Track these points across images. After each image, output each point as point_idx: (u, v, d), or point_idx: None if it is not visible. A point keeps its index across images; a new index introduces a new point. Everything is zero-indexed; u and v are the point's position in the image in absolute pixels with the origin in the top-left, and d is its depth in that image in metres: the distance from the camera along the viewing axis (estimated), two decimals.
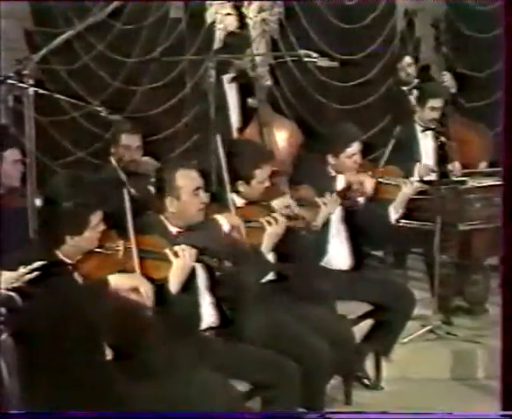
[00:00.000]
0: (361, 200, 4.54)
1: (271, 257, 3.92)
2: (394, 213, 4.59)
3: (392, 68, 6.55)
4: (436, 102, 5.58)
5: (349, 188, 4.43)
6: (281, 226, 3.83)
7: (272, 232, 3.81)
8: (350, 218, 4.48)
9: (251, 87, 6.10)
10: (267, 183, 4.04)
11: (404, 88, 6.26)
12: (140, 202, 4.77)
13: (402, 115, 6.03)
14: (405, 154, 5.41)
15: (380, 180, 4.54)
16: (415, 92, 6.11)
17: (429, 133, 5.21)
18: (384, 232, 4.73)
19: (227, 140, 4.01)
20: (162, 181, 3.57)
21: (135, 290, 3.16)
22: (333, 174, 4.52)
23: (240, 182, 3.95)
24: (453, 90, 6.19)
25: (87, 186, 3.24)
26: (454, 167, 5.44)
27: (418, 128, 5.60)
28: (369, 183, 4.51)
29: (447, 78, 6.17)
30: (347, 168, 4.51)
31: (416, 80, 6.25)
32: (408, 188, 4.64)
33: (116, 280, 3.15)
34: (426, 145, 5.50)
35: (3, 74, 4.23)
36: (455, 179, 5.27)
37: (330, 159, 4.51)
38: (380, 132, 6.55)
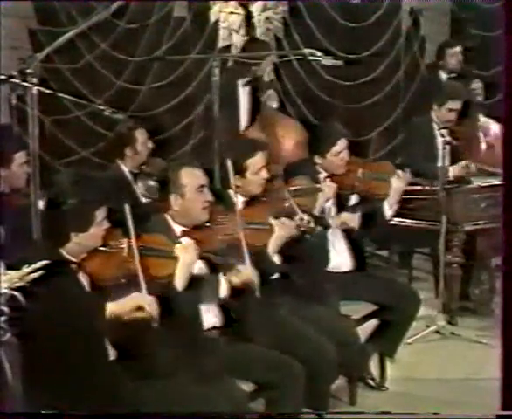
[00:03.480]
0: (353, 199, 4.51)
1: (276, 258, 3.91)
2: (388, 209, 4.52)
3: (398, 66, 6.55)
4: (454, 104, 5.53)
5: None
6: (288, 229, 3.83)
7: (278, 235, 3.80)
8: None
9: (260, 91, 6.10)
10: (264, 175, 4.00)
11: (444, 75, 6.19)
12: (147, 201, 4.78)
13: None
14: (422, 151, 5.39)
15: (372, 176, 4.47)
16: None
17: (444, 132, 5.16)
18: (384, 229, 4.68)
19: (220, 140, 4.00)
20: (167, 179, 3.56)
21: (138, 309, 3.09)
22: (323, 174, 4.46)
23: (236, 176, 3.93)
24: (480, 98, 6.12)
25: (92, 183, 3.23)
26: (469, 167, 5.40)
27: (435, 126, 5.55)
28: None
29: (478, 87, 6.10)
30: (335, 167, 4.44)
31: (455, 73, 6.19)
32: (399, 182, 4.50)
33: (113, 308, 3.04)
34: (441, 144, 5.44)
35: (7, 73, 4.23)
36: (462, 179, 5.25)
37: (317, 159, 4.47)
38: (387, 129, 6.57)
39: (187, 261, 3.32)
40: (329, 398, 3.82)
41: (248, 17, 6.17)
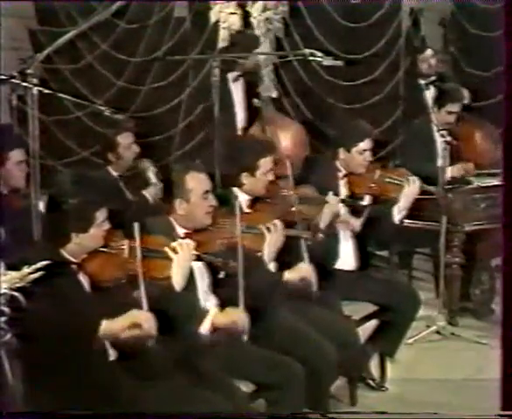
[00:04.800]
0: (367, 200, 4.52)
1: (272, 266, 3.87)
2: (397, 213, 4.55)
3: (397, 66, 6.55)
4: (453, 107, 5.57)
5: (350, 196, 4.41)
6: (281, 233, 3.79)
7: (271, 241, 3.77)
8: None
9: (255, 87, 6.09)
10: (271, 176, 4.01)
11: (422, 82, 6.21)
12: (141, 204, 4.78)
13: (415, 109, 5.99)
14: (421, 152, 5.40)
15: (388, 180, 4.51)
16: (431, 87, 6.06)
17: (444, 132, 5.18)
18: (391, 232, 4.70)
19: (230, 136, 4.00)
20: (172, 182, 3.56)
21: (136, 326, 3.04)
22: (342, 172, 4.48)
23: (245, 174, 3.93)
24: (466, 101, 6.12)
25: (93, 183, 3.24)
26: (468, 167, 5.41)
27: (434, 128, 5.57)
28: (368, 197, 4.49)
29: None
30: (356, 165, 4.47)
31: (433, 76, 6.20)
32: (412, 188, 4.58)
33: (109, 326, 2.98)
34: (440, 145, 5.44)
35: (8, 74, 4.23)
36: (462, 179, 5.26)
37: (341, 153, 4.48)
38: (387, 130, 6.57)
39: (180, 260, 3.30)
40: (329, 398, 3.82)
41: (246, 17, 6.16)
